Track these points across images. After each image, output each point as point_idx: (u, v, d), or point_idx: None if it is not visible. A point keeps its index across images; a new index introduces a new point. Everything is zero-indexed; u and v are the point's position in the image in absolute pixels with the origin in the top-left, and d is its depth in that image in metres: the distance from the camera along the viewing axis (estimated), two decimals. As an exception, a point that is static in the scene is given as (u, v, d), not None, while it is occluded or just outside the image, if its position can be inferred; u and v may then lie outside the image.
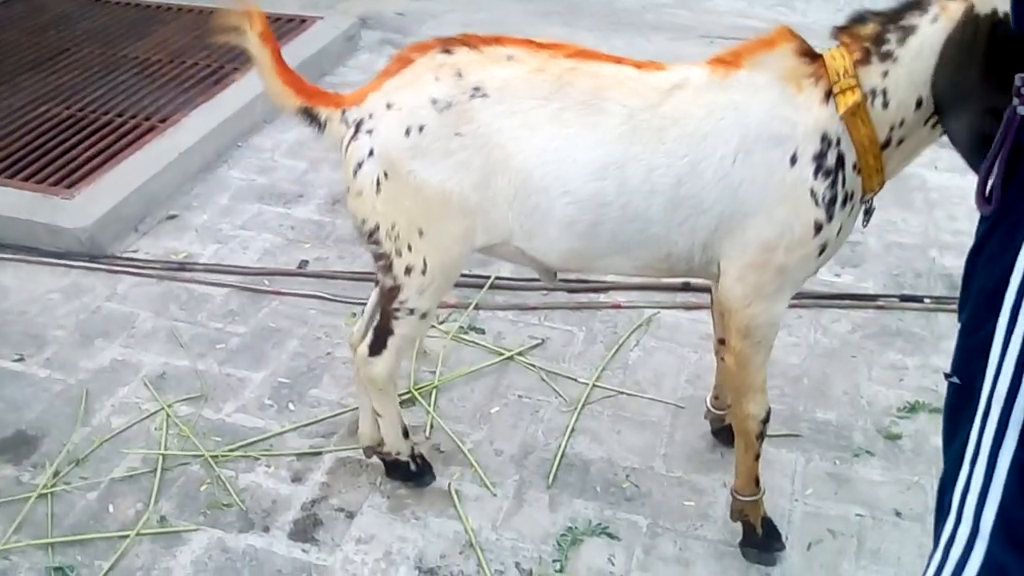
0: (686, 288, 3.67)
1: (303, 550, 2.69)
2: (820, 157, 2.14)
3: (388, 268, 2.43)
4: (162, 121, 4.64)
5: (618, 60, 2.28)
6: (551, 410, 3.16)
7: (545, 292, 3.70)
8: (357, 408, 3.13)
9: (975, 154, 1.93)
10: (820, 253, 2.25)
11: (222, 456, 2.98)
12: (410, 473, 2.86)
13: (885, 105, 2.12)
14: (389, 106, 2.27)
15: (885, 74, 2.10)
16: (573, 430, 3.07)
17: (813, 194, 2.16)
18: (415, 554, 2.68)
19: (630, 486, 2.88)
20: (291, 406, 3.19)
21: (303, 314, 3.61)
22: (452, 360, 3.38)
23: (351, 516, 2.79)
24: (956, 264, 3.85)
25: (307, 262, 3.91)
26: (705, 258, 2.33)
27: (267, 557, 2.67)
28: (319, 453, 3.00)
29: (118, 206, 4.08)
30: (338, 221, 4.17)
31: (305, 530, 2.75)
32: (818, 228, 2.19)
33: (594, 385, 3.23)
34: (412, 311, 2.49)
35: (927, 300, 3.61)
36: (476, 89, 2.24)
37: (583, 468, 2.94)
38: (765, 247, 2.23)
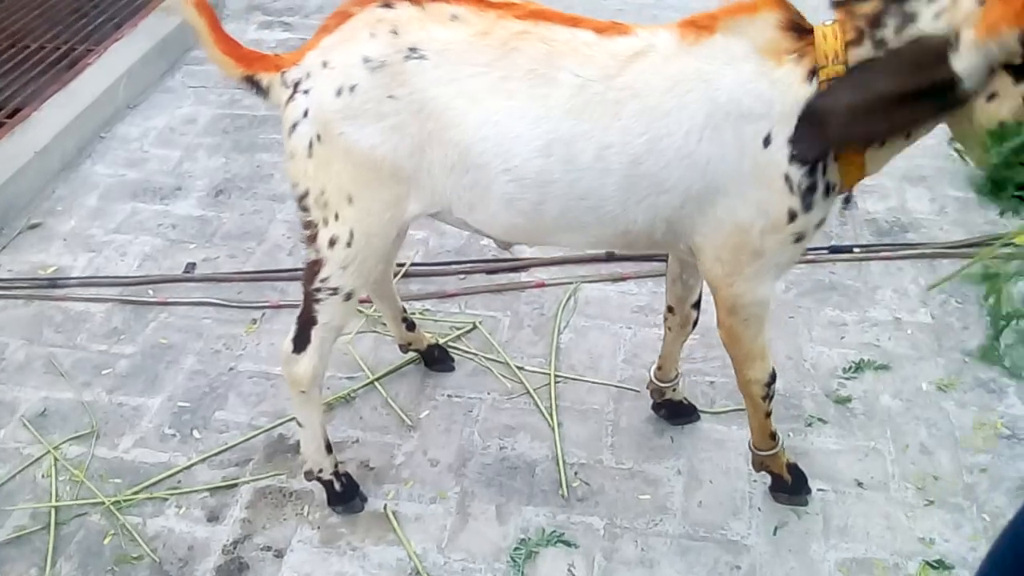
0: (611, 258, 3.46)
1: (230, 602, 2.41)
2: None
3: (313, 238, 2.24)
4: (9, 116, 4.13)
5: (576, 22, 2.04)
6: (485, 407, 2.92)
7: (462, 276, 3.44)
8: (271, 429, 2.84)
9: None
10: (796, 241, 2.07)
11: (125, 501, 2.64)
12: (336, 495, 2.59)
13: None
14: (325, 64, 2.09)
15: None
16: (513, 428, 2.85)
17: (788, 180, 1.97)
18: (357, 591, 2.43)
19: (580, 484, 2.68)
20: (196, 433, 2.86)
21: (197, 325, 3.26)
22: (370, 360, 3.09)
23: (280, 555, 2.51)
24: (879, 208, 3.76)
25: (194, 265, 3.53)
26: (671, 233, 2.14)
27: (190, 615, 2.38)
28: (235, 485, 2.69)
29: (-31, 219, 3.61)
30: (224, 215, 3.80)
31: (230, 577, 2.46)
32: (792, 216, 2.01)
33: (516, 370, 3.01)
34: (335, 291, 2.27)
35: (856, 250, 3.50)
36: (412, 50, 2.03)
37: (527, 470, 2.72)
38: (739, 228, 2.05)
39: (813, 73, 1.91)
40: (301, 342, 2.36)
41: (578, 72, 1.98)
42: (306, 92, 2.11)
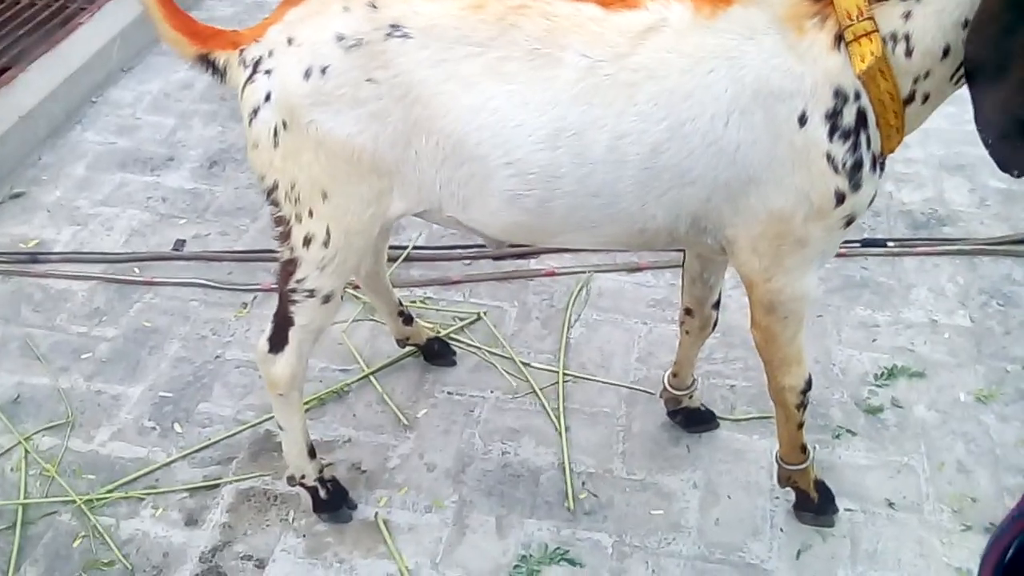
0: (626, 247, 3.24)
1: (205, 617, 2.23)
2: (834, 115, 1.76)
3: (286, 236, 2.03)
4: (-5, 77, 3.91)
5: None
6: (488, 407, 2.72)
7: (468, 262, 3.22)
8: (258, 425, 2.65)
9: (1004, 140, 1.59)
10: (847, 224, 1.87)
11: (98, 500, 2.46)
12: (321, 502, 2.40)
13: (908, 53, 1.73)
14: (290, 41, 1.86)
15: (907, 15, 1.70)
16: (517, 431, 2.65)
17: (830, 159, 1.78)
18: (343, 609, 2.24)
19: (588, 496, 2.48)
20: (177, 427, 2.66)
21: (183, 308, 3.06)
22: (366, 352, 2.89)
23: (261, 565, 2.32)
24: (914, 199, 3.52)
25: (184, 242, 3.33)
26: (696, 229, 1.93)
27: (161, 631, 2.20)
28: (216, 485, 2.51)
29: (-53, 187, 3.41)
30: (217, 188, 3.58)
31: (206, 590, 2.28)
32: (840, 198, 1.81)
33: (522, 366, 2.80)
34: (312, 292, 2.07)
35: (890, 244, 3.26)
36: (394, 27, 1.80)
37: (531, 478, 2.52)
38: (778, 217, 1.85)
39: (839, 38, 1.72)
40: (278, 342, 2.16)
41: (585, 52, 1.77)
42: (268, 72, 1.87)
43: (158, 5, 1.98)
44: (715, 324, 2.45)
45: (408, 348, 2.83)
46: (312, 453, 2.36)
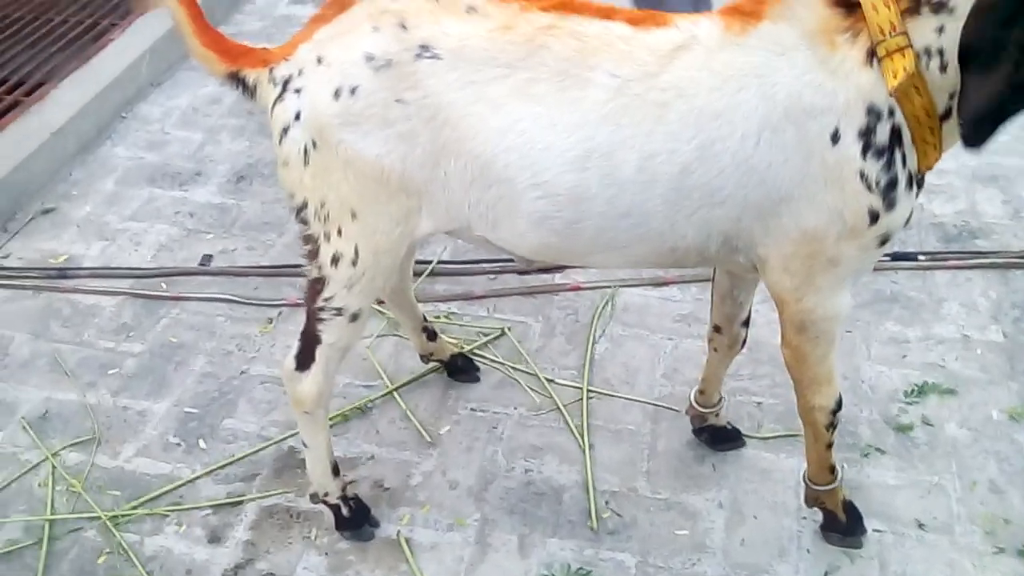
0: (652, 261, 3.22)
1: (227, 635, 2.23)
2: (867, 133, 1.73)
3: (314, 254, 2.03)
4: (27, 94, 3.95)
5: (609, 13, 1.80)
6: (511, 424, 2.71)
7: (492, 277, 3.21)
8: (281, 441, 2.65)
9: (978, 122, 1.64)
10: (881, 244, 1.85)
11: (123, 516, 2.47)
12: (344, 520, 2.39)
13: (943, 68, 1.69)
14: (320, 60, 1.86)
15: (941, 30, 1.66)
16: (540, 448, 2.63)
17: (864, 177, 1.75)
18: (364, 628, 2.24)
19: (611, 515, 2.45)
20: (202, 443, 2.68)
21: (210, 323, 3.08)
22: (390, 367, 2.89)
23: (283, 583, 2.33)
24: (946, 211, 3.47)
25: (211, 257, 3.35)
26: (727, 248, 1.91)
27: (184, 649, 2.21)
28: (240, 502, 2.51)
29: (-21, 203, 3.45)
30: (244, 203, 3.60)
31: (228, 608, 2.28)
32: (874, 217, 1.78)
33: (546, 382, 2.78)
34: (339, 311, 2.07)
35: (921, 257, 3.21)
36: (424, 48, 1.79)
37: (554, 497, 2.51)
38: (811, 236, 1.82)
39: (872, 53, 1.69)
40: (305, 360, 2.16)
41: (615, 71, 1.75)
42: (298, 91, 1.88)
43: (189, 21, 1.99)
44: (744, 342, 2.42)
45: (432, 364, 2.83)
46: (336, 471, 2.35)
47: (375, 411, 2.76)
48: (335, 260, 1.99)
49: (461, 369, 2.82)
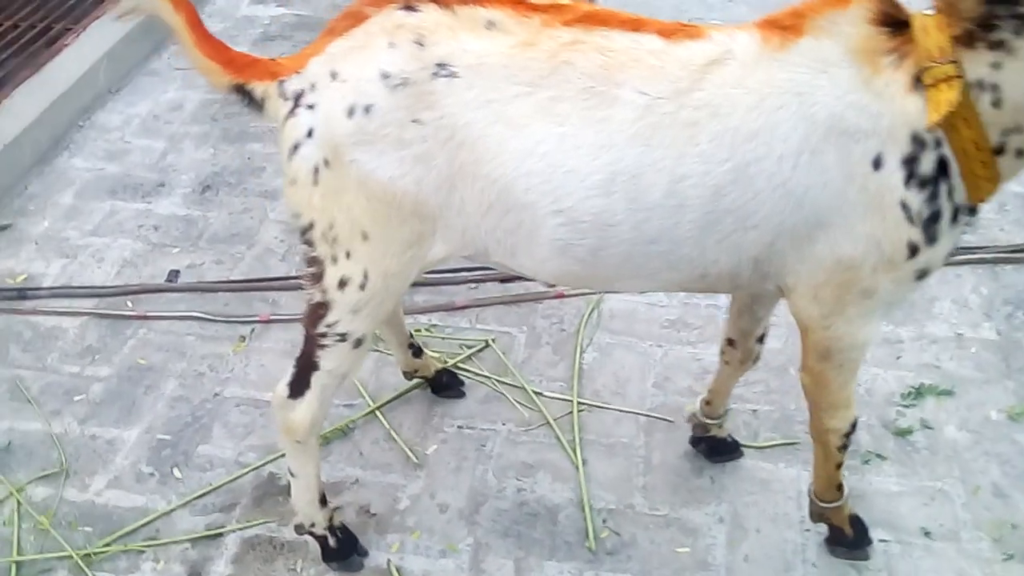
0: (637, 265, 3.13)
1: None
2: (911, 162, 1.63)
3: (318, 277, 1.91)
4: (-22, 105, 3.78)
5: (637, 25, 1.70)
6: (500, 441, 2.61)
7: (474, 286, 3.10)
8: (260, 467, 2.53)
9: None
10: (919, 278, 1.76)
11: (96, 554, 2.34)
12: (331, 551, 2.28)
13: (996, 104, 1.60)
14: (334, 76, 1.77)
15: (996, 65, 1.58)
16: (531, 466, 2.53)
17: (905, 207, 1.66)
18: (357, 666, 2.13)
19: (609, 535, 2.37)
20: (177, 472, 2.55)
21: (179, 343, 2.94)
22: (371, 385, 2.77)
23: (269, 620, 2.21)
24: (932, 205, 3.40)
25: (178, 272, 3.21)
26: (758, 274, 1.82)
27: None
28: (219, 534, 2.39)
29: (-70, 222, 3.29)
30: (211, 214, 3.46)
31: (212, 649, 2.16)
32: (912, 250, 1.69)
33: (534, 396, 2.69)
34: (343, 336, 1.96)
35: (910, 254, 3.15)
36: (441, 66, 1.70)
37: (549, 517, 2.41)
38: (845, 265, 1.73)
39: (918, 79, 1.59)
40: (299, 387, 2.04)
41: (644, 88, 1.65)
42: (311, 107, 1.77)
43: (188, 30, 1.86)
44: (757, 358, 2.32)
45: (415, 380, 2.72)
46: (323, 501, 2.24)
47: (357, 432, 2.64)
48: (342, 283, 1.88)
49: (446, 385, 2.71)
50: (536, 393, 2.72)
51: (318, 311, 1.94)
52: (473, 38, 1.70)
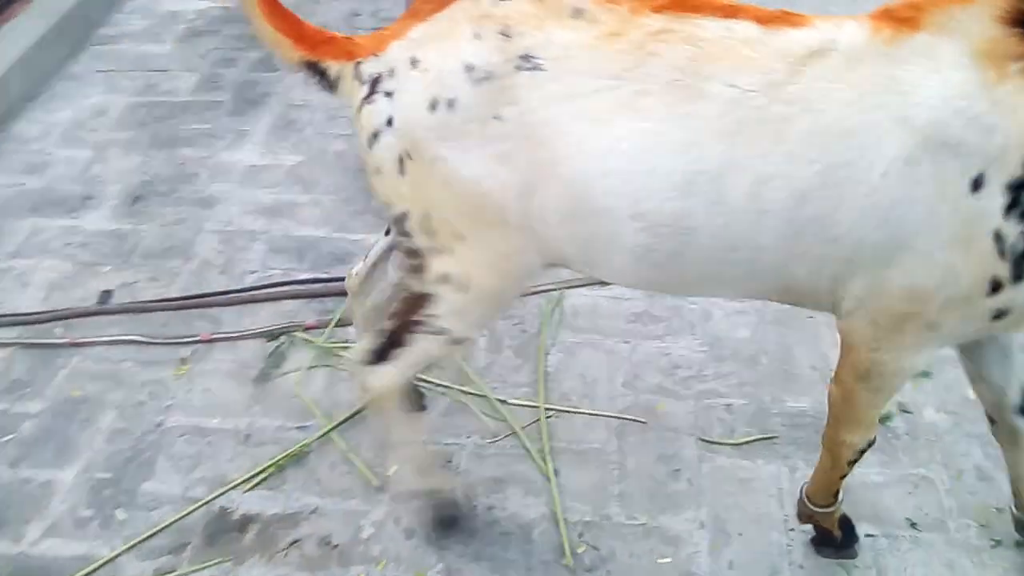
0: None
1: None
2: (1018, 189, 1.45)
3: (419, 269, 1.82)
4: None
5: (733, 11, 1.56)
6: (466, 456, 2.47)
7: (426, 289, 2.94)
8: (211, 501, 2.36)
9: None
10: (996, 317, 1.58)
11: (34, 612, 2.17)
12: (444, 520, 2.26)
13: None
14: (414, 63, 1.68)
15: None
16: (501, 480, 2.40)
17: (998, 239, 1.49)
18: None
19: (587, 549, 2.24)
20: (120, 514, 2.36)
21: (115, 370, 2.74)
22: (324, 403, 2.61)
23: (229, 670, 2.06)
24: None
25: (110, 293, 3.00)
26: (831, 293, 1.68)
27: None
28: (170, 580, 2.22)
29: None
30: (142, 227, 3.26)
31: None
32: (995, 287, 1.53)
33: (499, 404, 2.55)
34: (442, 332, 1.85)
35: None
36: (525, 58, 1.58)
37: (522, 535, 2.28)
38: (915, 296, 1.57)
39: None
40: (382, 355, 1.96)
41: (733, 81, 1.52)
42: (389, 95, 1.68)
43: (258, 1, 1.78)
44: None
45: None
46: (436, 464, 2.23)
47: (312, 456, 2.48)
48: (445, 279, 1.78)
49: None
50: (501, 401, 2.58)
51: (418, 302, 1.83)
52: (559, 28, 1.58)
